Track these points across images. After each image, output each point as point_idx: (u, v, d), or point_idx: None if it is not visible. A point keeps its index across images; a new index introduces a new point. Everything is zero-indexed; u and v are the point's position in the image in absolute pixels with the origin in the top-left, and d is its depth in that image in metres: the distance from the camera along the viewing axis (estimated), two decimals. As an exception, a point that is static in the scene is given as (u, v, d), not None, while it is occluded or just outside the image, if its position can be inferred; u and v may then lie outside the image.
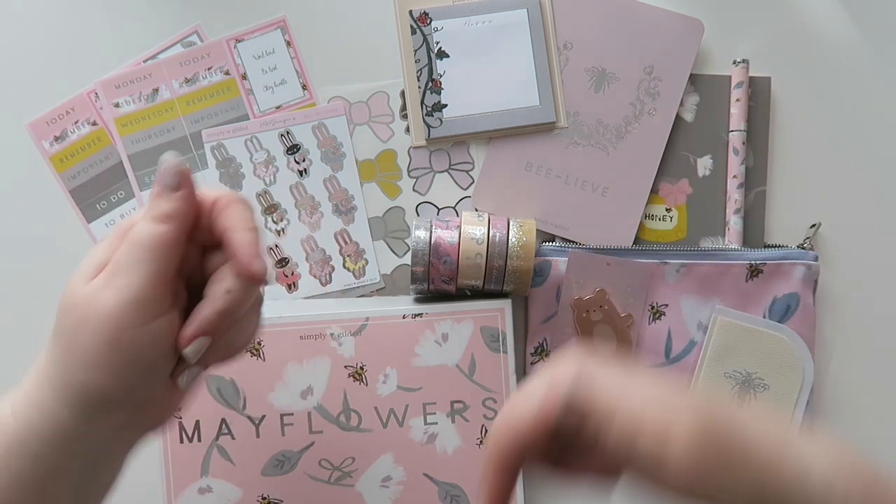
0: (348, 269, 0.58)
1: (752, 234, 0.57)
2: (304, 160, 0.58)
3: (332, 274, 0.58)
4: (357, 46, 0.58)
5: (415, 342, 0.53)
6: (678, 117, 0.57)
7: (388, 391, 0.53)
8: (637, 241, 0.57)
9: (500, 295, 0.54)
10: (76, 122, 0.57)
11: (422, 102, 0.57)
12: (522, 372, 0.56)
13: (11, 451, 0.34)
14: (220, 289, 0.35)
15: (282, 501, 0.52)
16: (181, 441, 0.52)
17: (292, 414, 0.52)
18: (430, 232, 0.52)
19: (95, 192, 0.57)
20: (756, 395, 0.55)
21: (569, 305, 0.55)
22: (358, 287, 0.58)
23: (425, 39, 0.57)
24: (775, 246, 0.57)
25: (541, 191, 0.57)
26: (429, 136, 0.57)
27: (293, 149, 0.58)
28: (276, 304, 0.56)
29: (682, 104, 0.58)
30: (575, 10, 0.58)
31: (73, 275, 0.35)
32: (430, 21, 0.58)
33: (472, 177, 0.58)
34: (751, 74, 0.57)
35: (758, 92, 0.58)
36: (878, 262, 0.58)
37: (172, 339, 0.35)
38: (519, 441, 0.32)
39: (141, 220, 0.35)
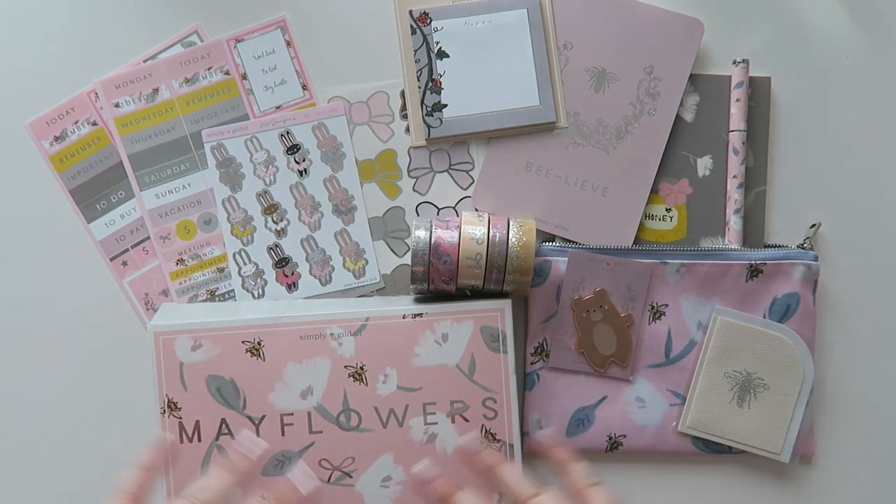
0: (348, 269, 0.58)
1: (752, 234, 0.57)
2: (304, 160, 0.58)
3: (332, 274, 0.58)
4: (357, 46, 0.58)
5: (415, 342, 0.53)
6: (678, 117, 0.57)
7: (388, 391, 0.53)
8: (637, 241, 0.57)
9: (500, 295, 0.54)
10: (76, 122, 0.58)
11: (422, 102, 0.57)
12: (522, 372, 0.56)
13: None
14: None
15: (282, 501, 0.52)
16: (181, 441, 0.52)
17: (292, 414, 0.52)
18: (430, 232, 0.52)
19: (95, 192, 0.57)
20: (756, 395, 0.55)
21: (569, 305, 0.55)
22: (358, 287, 0.58)
23: (425, 39, 0.57)
24: (775, 246, 0.57)
25: (541, 191, 0.57)
26: (429, 136, 0.57)
27: (293, 149, 0.58)
28: (276, 304, 0.56)
29: (682, 104, 0.58)
30: (575, 10, 0.58)
31: None
32: (430, 21, 0.58)
33: (472, 177, 0.58)
34: (751, 74, 0.57)
35: (758, 92, 0.58)
36: (878, 262, 0.58)
37: None
38: None
39: None
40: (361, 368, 0.52)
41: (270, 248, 0.58)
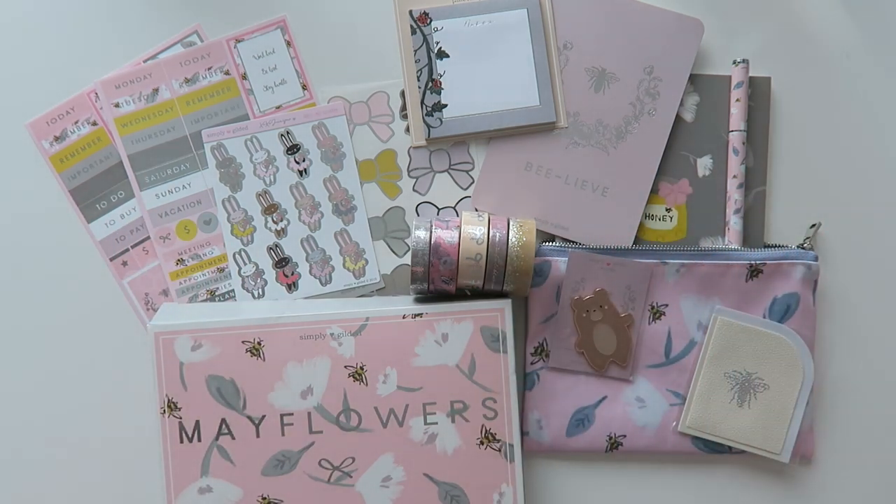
0: (348, 269, 0.58)
1: (752, 234, 0.57)
2: (304, 160, 0.58)
3: (332, 274, 0.58)
4: (357, 46, 0.58)
5: (415, 342, 0.53)
6: (678, 117, 0.58)
7: (388, 391, 0.53)
8: (637, 241, 0.57)
9: (500, 295, 0.54)
10: (76, 122, 0.58)
11: (422, 102, 0.57)
12: (522, 372, 0.56)
13: None
14: None
15: (282, 501, 0.52)
16: (181, 441, 0.52)
17: (292, 414, 0.52)
18: (430, 232, 0.52)
19: (95, 192, 0.57)
20: (756, 395, 0.55)
21: (569, 305, 0.55)
22: (358, 287, 0.58)
23: (425, 39, 0.58)
24: (775, 246, 0.57)
25: (541, 191, 0.57)
26: (429, 136, 0.57)
27: (293, 149, 0.58)
28: (276, 304, 0.56)
29: (682, 104, 0.58)
30: (575, 10, 0.58)
31: None
32: (430, 21, 0.58)
33: (472, 177, 0.58)
34: (751, 74, 0.57)
35: (758, 92, 0.58)
36: (878, 262, 0.58)
37: None
38: None
39: None
40: (361, 368, 0.53)
41: (270, 248, 0.58)
